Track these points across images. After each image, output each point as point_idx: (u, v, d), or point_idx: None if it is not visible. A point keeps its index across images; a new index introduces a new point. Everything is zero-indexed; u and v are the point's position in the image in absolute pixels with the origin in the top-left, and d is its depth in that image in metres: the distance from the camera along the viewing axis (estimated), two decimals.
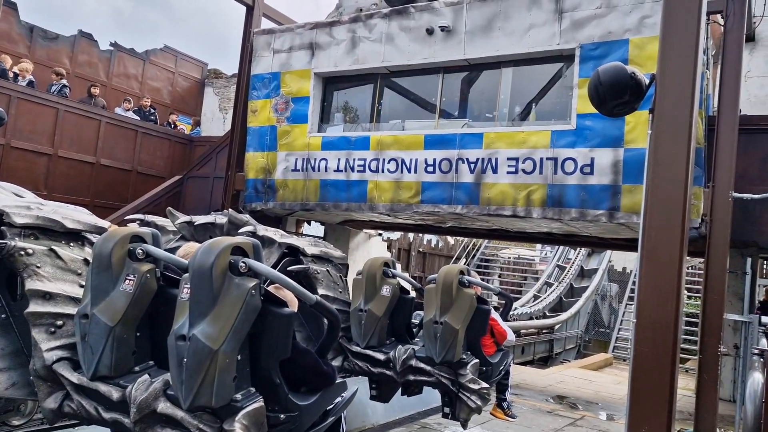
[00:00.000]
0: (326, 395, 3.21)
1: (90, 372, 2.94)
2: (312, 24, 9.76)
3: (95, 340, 2.91)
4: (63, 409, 3.15)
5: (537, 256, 24.13)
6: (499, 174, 7.95)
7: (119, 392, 2.87)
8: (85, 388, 2.98)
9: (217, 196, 11.28)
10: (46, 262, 3.17)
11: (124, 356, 2.95)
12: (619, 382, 10.65)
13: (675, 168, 3.25)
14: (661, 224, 3.28)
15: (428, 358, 4.73)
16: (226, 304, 2.66)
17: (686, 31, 3.31)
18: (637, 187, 7.09)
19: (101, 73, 14.90)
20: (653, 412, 3.17)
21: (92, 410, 3.00)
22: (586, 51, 7.52)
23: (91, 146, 11.87)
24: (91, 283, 2.98)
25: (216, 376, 2.61)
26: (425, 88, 9.03)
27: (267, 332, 2.79)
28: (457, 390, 4.71)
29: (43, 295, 3.10)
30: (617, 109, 3.47)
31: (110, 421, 2.98)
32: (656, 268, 3.26)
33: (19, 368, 3.22)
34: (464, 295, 4.72)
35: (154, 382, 2.81)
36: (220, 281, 2.67)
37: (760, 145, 7.55)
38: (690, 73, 3.28)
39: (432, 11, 8.62)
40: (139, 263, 2.95)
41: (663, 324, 3.19)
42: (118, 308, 2.90)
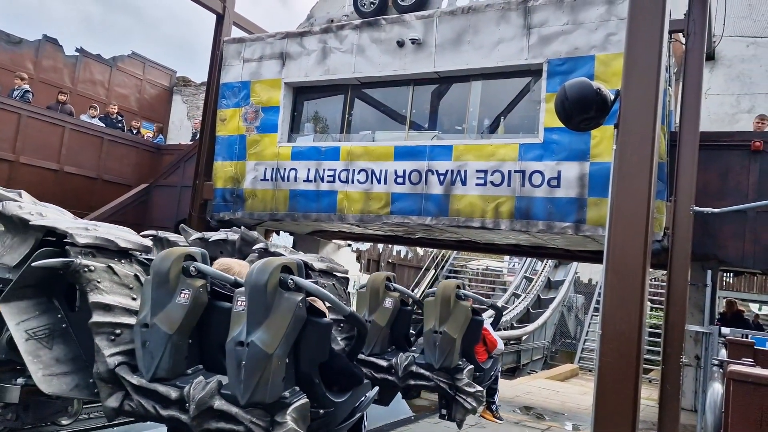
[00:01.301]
0: (355, 394, 3.69)
1: (149, 374, 3.37)
2: (283, 34, 9.75)
3: (155, 346, 3.36)
4: (123, 408, 3.56)
5: (505, 267, 24.36)
6: (468, 186, 8.03)
7: (177, 392, 3.29)
8: (145, 388, 3.40)
9: (185, 205, 11.13)
10: (105, 278, 3.63)
11: (179, 360, 3.40)
12: (585, 392, 10.79)
13: (638, 182, 3.33)
14: (625, 237, 3.35)
15: (428, 365, 5.18)
16: (278, 315, 3.15)
17: (649, 50, 3.40)
18: (603, 200, 7.23)
19: (66, 78, 14.63)
20: (618, 423, 3.22)
21: (150, 408, 3.41)
22: (554, 66, 7.66)
23: (54, 153, 11.62)
24: (150, 296, 3.41)
25: (270, 376, 3.10)
26: (395, 99, 9.08)
27: (309, 339, 3.27)
28: (454, 393, 5.19)
29: (104, 307, 3.54)
30: (583, 124, 3.54)
31: (167, 418, 3.38)
32: (620, 280, 3.32)
33: (80, 372, 3.68)
34: (461, 307, 5.22)
35: (210, 382, 3.23)
36: (272, 296, 3.16)
37: (720, 161, 7.79)
38: (653, 90, 3.37)
39: (403, 24, 8.69)
40: (192, 279, 3.39)
41: (627, 335, 3.25)
42: (175, 318, 3.34)
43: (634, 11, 3.53)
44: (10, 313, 3.59)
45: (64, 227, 3.64)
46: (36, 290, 3.71)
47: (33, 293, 3.70)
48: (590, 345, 17.09)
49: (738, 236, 7.57)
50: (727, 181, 7.73)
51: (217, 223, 10.18)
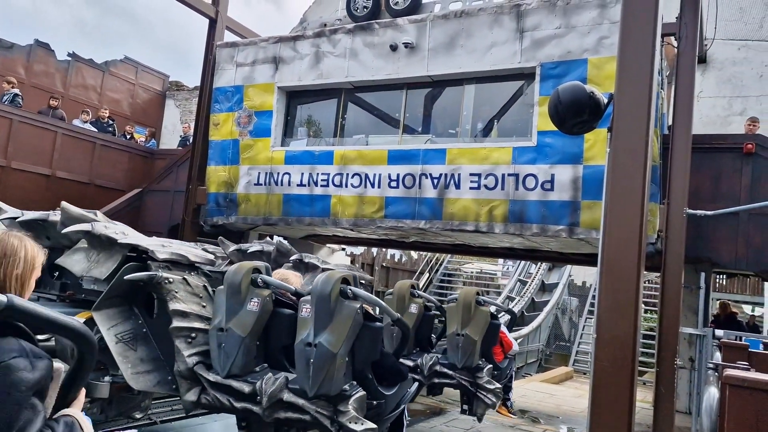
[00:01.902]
0: (401, 388, 4.24)
1: (225, 372, 3.92)
2: (276, 38, 9.74)
3: (230, 347, 3.89)
4: (200, 401, 4.09)
5: (499, 270, 24.38)
6: (462, 189, 8.02)
7: (250, 387, 3.82)
8: (220, 384, 3.93)
9: (178, 210, 11.09)
10: (181, 288, 4.17)
11: (249, 360, 3.95)
12: (579, 395, 10.79)
13: (632, 186, 3.33)
14: (619, 241, 3.34)
15: (451, 364, 5.81)
16: (340, 321, 3.68)
17: (642, 53, 3.40)
18: (596, 203, 7.23)
19: (58, 83, 14.56)
20: (614, 427, 3.21)
21: (225, 401, 3.93)
22: (546, 69, 7.67)
23: (46, 158, 11.56)
24: (224, 304, 3.97)
25: (335, 372, 3.63)
26: (389, 103, 9.07)
27: (364, 340, 3.78)
28: (475, 390, 5.78)
29: (181, 314, 4.08)
30: (576, 128, 3.54)
31: (240, 409, 3.89)
32: (615, 285, 3.32)
33: (160, 370, 4.20)
34: (481, 312, 5.89)
35: (278, 377, 3.79)
36: (335, 304, 3.70)
37: (712, 164, 7.81)
38: (646, 94, 3.37)
39: (396, 28, 8.69)
40: (260, 289, 3.97)
41: (622, 339, 3.24)
42: (247, 323, 3.89)
43: (626, 15, 3.54)
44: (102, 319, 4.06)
45: (146, 244, 4.23)
46: (121, 300, 4.23)
47: (119, 302, 4.21)
48: (584, 348, 17.11)
49: (731, 239, 7.59)
50: (720, 184, 7.75)
51: (211, 228, 10.14)
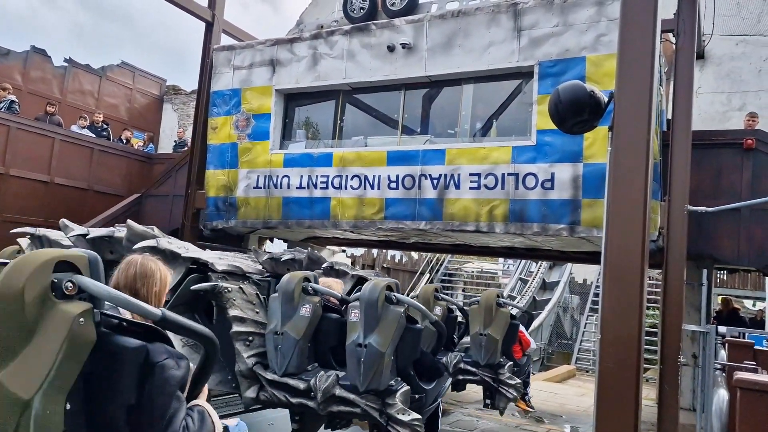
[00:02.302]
0: (438, 383, 4.72)
1: (281, 371, 4.36)
2: (273, 41, 9.71)
3: (286, 349, 4.34)
4: (259, 398, 4.51)
5: (500, 269, 24.34)
6: (462, 189, 8.00)
7: (305, 384, 4.25)
8: (278, 382, 4.37)
9: (177, 214, 11.05)
10: (238, 296, 4.57)
11: (303, 360, 4.37)
12: (582, 393, 10.77)
13: (634, 185, 3.30)
14: (621, 242, 3.32)
15: (474, 362, 6.34)
16: (386, 324, 4.10)
17: (642, 51, 3.38)
18: (597, 201, 7.21)
19: (55, 89, 14.54)
20: (620, 428, 3.19)
21: (282, 397, 4.37)
22: (545, 68, 7.65)
23: (45, 165, 11.53)
24: (279, 310, 4.40)
25: (383, 370, 4.03)
26: (387, 104, 9.05)
27: (406, 341, 4.21)
28: (497, 386, 6.33)
29: (240, 320, 4.51)
30: (577, 128, 3.52)
31: (296, 404, 4.32)
32: (619, 285, 3.29)
33: (221, 371, 4.63)
34: (501, 313, 6.41)
35: (330, 375, 4.22)
36: (381, 308, 4.13)
37: (713, 160, 7.78)
38: (647, 93, 3.34)
39: (393, 28, 8.67)
40: (311, 296, 4.42)
41: (627, 340, 3.22)
42: (300, 327, 4.33)
43: (626, 13, 3.51)
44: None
45: (206, 257, 4.67)
46: (184, 308, 4.57)
47: (182, 310, 4.53)
48: (587, 345, 17.09)
49: (733, 235, 7.56)
50: (721, 180, 7.72)
51: (210, 232, 10.11)
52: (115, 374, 1.81)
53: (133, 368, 1.83)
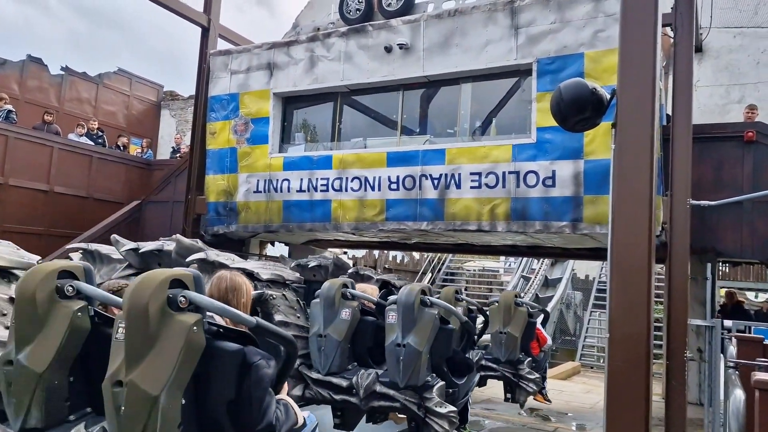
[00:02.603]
0: (468, 378, 5.12)
1: (325, 369, 4.73)
2: (269, 44, 9.69)
3: (329, 350, 4.69)
4: (304, 395, 4.84)
5: (501, 267, 24.30)
6: (463, 189, 7.98)
7: (347, 381, 4.63)
8: (322, 380, 4.73)
9: (178, 220, 11.02)
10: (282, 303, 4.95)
11: (344, 360, 4.73)
12: (588, 390, 10.74)
13: (639, 182, 3.27)
14: (627, 239, 3.29)
15: (495, 359, 6.76)
16: (422, 325, 4.46)
17: (643, 47, 3.35)
18: (599, 197, 7.19)
19: (52, 98, 14.51)
20: (630, 427, 3.16)
21: (326, 395, 4.70)
22: (543, 65, 7.63)
23: (44, 174, 11.49)
24: (321, 314, 4.74)
25: (420, 367, 4.41)
26: (386, 105, 9.02)
27: (440, 340, 4.58)
28: (517, 381, 6.73)
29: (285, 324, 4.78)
30: (579, 125, 3.49)
31: (340, 401, 4.67)
32: (625, 283, 3.26)
33: None
34: (519, 312, 6.79)
35: (370, 374, 4.61)
36: (417, 311, 4.49)
37: (714, 154, 7.76)
38: (649, 88, 3.32)
39: (390, 29, 8.64)
40: (350, 301, 4.78)
41: (636, 338, 3.19)
42: (341, 329, 4.67)
43: (626, 8, 3.49)
44: None
45: (251, 267, 4.98)
46: None
47: None
48: (590, 341, 17.06)
49: (735, 228, 7.54)
50: (722, 174, 7.70)
51: (211, 238, 10.09)
52: (218, 374, 2.19)
53: (233, 368, 2.19)
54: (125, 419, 2.07)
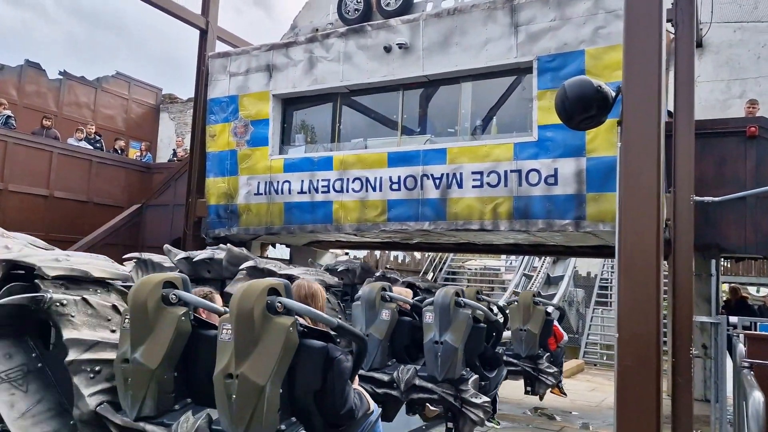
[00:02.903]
0: (498, 372, 5.67)
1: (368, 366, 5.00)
2: (268, 46, 9.65)
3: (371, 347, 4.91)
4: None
5: (503, 266, 24.24)
6: (465, 188, 7.94)
7: (388, 376, 4.98)
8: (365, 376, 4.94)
9: (179, 223, 11.00)
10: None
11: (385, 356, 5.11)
12: (593, 388, 10.71)
13: (646, 180, 3.24)
14: (635, 238, 3.25)
15: (515, 354, 7.26)
16: (457, 324, 4.92)
17: (648, 44, 3.32)
18: (602, 195, 7.15)
19: (51, 102, 14.48)
20: (642, 429, 3.13)
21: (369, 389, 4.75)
22: (543, 63, 7.59)
23: (43, 179, 11.46)
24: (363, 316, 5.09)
25: (457, 362, 4.84)
26: (386, 105, 8.98)
27: (473, 337, 5.04)
28: (537, 375, 7.23)
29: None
30: (584, 123, 3.46)
31: (381, 394, 4.96)
32: (634, 282, 3.23)
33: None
34: (538, 310, 7.30)
35: (410, 369, 4.99)
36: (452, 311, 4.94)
37: (716, 149, 7.73)
38: (655, 85, 3.29)
39: (389, 29, 8.61)
40: (388, 303, 5.14)
41: (645, 338, 3.16)
42: (382, 329, 5.06)
43: (630, 4, 3.45)
44: None
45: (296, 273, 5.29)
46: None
47: None
48: (593, 338, 17.01)
49: (739, 224, 7.51)
50: (725, 169, 7.67)
51: (213, 241, 10.04)
52: (306, 367, 2.59)
53: (320, 362, 2.60)
54: (237, 406, 2.48)
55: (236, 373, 2.50)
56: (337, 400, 2.62)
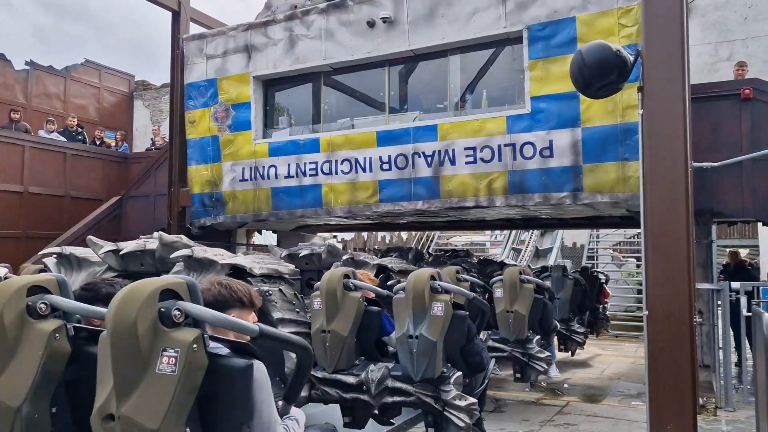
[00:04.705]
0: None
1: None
2: (245, 25, 9.28)
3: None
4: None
5: (488, 240, 24.19)
6: (458, 165, 7.74)
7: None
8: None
9: (161, 214, 10.67)
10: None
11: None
12: (589, 357, 10.69)
13: (673, 149, 3.06)
14: (663, 211, 3.08)
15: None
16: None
17: (669, 3, 3.11)
18: (599, 165, 7.01)
19: (19, 94, 13.92)
20: (677, 409, 2.98)
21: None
22: (534, 32, 7.37)
23: (16, 174, 11.01)
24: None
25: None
26: (371, 82, 8.71)
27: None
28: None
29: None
30: (603, 91, 3.26)
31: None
32: (664, 257, 3.07)
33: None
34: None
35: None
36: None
37: (710, 113, 7.59)
38: (678, 48, 3.10)
39: (371, 3, 8.29)
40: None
41: (677, 315, 3.01)
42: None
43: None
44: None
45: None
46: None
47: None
48: None
49: (736, 188, 7.41)
50: (720, 133, 7.55)
51: (198, 230, 9.76)
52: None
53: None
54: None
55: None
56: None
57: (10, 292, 2.08)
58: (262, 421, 1.94)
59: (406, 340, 4.27)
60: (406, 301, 4.36)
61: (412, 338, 4.24)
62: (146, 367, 1.79)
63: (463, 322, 4.43)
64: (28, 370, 2.03)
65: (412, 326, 4.26)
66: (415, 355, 4.21)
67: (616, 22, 6.82)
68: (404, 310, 4.35)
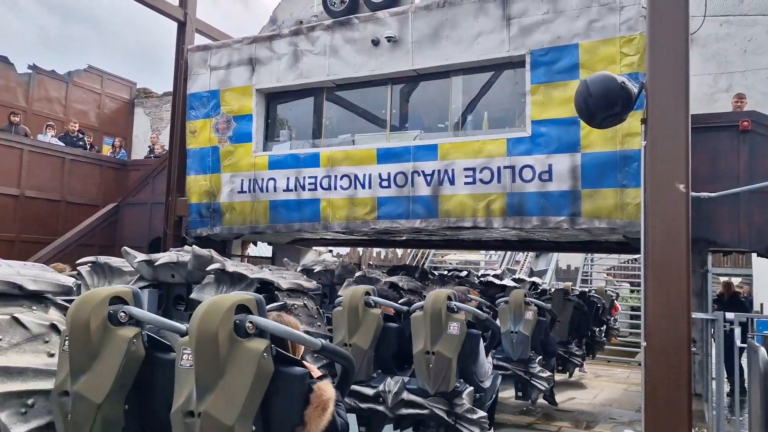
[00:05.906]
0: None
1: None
2: (250, 38, 9.34)
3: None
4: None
5: (482, 259, 24.22)
6: (457, 185, 7.77)
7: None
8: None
9: (158, 223, 10.65)
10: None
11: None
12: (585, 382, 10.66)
13: (675, 180, 3.08)
14: (664, 242, 3.10)
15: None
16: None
17: (674, 38, 3.17)
18: (597, 191, 7.05)
19: (20, 98, 13.93)
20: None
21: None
22: (536, 57, 7.44)
23: (14, 178, 10.99)
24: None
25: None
26: (374, 100, 8.76)
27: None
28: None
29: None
30: (607, 121, 3.30)
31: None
32: (663, 288, 3.08)
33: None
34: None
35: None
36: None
37: (709, 144, 7.65)
38: (682, 81, 3.14)
39: (377, 21, 8.37)
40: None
41: (675, 347, 3.02)
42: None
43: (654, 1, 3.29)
44: None
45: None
46: None
47: None
48: None
49: (732, 219, 7.46)
50: (718, 164, 7.60)
51: (194, 240, 9.73)
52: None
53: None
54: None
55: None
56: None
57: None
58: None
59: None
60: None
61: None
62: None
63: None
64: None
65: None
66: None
67: (618, 50, 6.90)
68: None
